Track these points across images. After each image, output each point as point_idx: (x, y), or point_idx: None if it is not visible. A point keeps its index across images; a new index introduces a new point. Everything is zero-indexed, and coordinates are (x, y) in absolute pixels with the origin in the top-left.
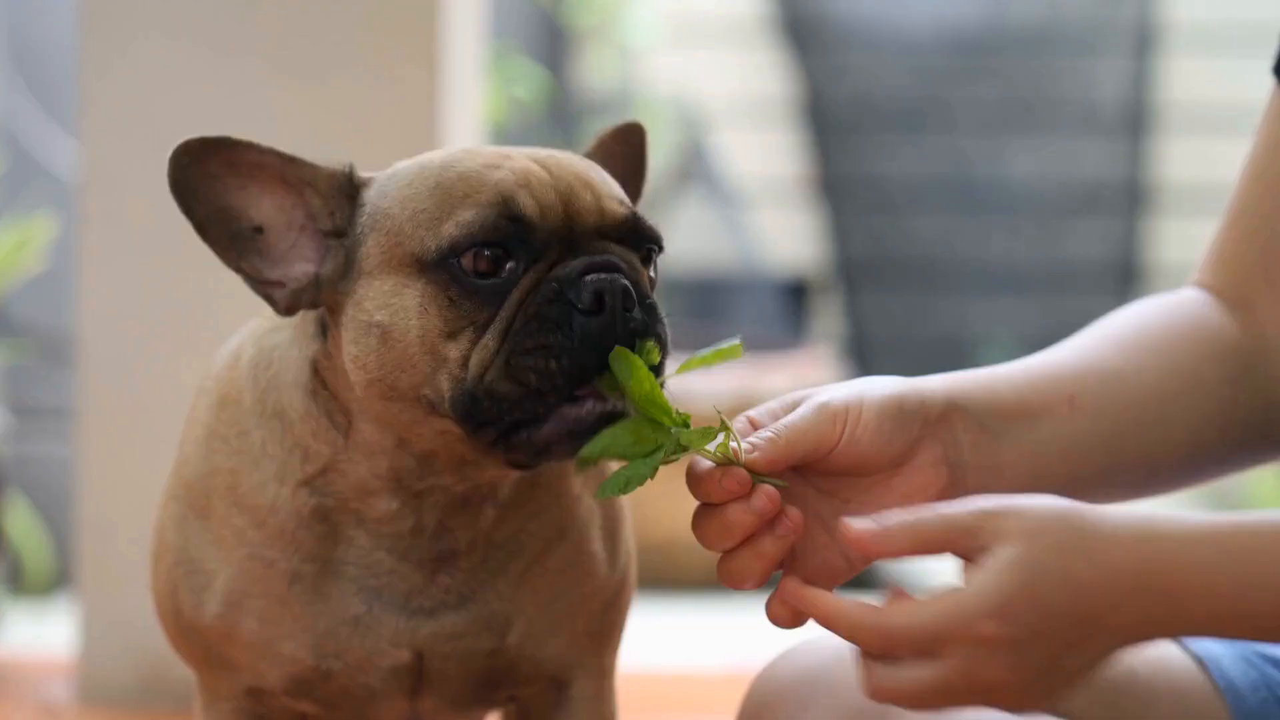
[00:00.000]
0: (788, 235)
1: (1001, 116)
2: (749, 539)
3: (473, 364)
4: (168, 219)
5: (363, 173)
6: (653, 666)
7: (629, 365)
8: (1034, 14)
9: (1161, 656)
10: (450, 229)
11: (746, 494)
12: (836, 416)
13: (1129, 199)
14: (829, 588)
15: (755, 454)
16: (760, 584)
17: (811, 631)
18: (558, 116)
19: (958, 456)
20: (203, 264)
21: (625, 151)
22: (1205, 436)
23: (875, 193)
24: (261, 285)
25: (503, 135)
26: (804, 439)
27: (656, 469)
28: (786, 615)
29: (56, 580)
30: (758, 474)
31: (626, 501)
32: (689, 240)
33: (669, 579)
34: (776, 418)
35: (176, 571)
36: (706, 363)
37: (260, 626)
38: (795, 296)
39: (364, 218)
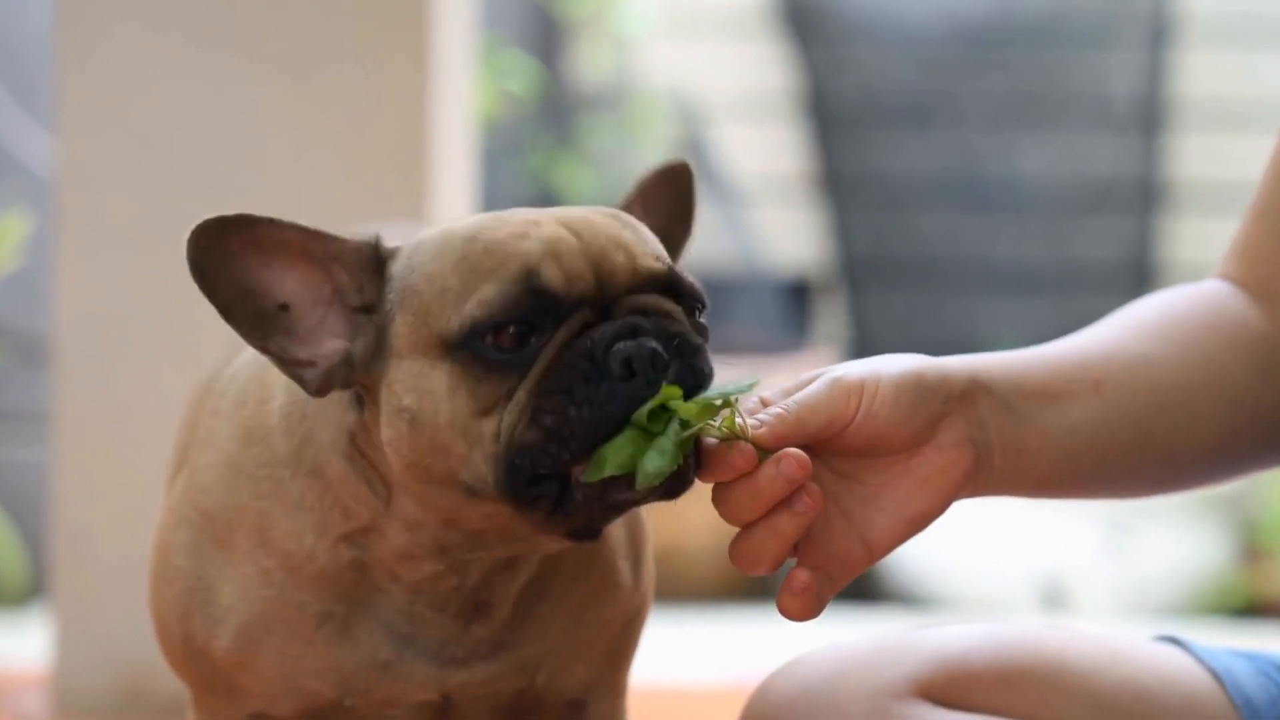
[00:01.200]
0: (789, 234)
1: (1010, 111)
2: (765, 517)
3: (504, 428)
4: (148, 216)
5: (389, 243)
6: (651, 680)
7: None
8: (1044, 5)
9: (1175, 671)
10: (472, 307)
11: (753, 470)
12: (851, 391)
13: (1143, 197)
14: (845, 577)
15: (763, 430)
16: (775, 567)
17: (814, 643)
18: (551, 111)
19: (983, 437)
20: (184, 264)
21: (670, 194)
22: (1231, 429)
23: (880, 190)
24: (290, 366)
25: (494, 130)
26: (815, 415)
27: (680, 452)
28: (797, 607)
29: (31, 589)
30: (765, 451)
31: (648, 518)
32: None
33: (667, 590)
34: (790, 396)
35: (190, 599)
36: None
37: (280, 661)
38: (797, 297)
39: (392, 294)
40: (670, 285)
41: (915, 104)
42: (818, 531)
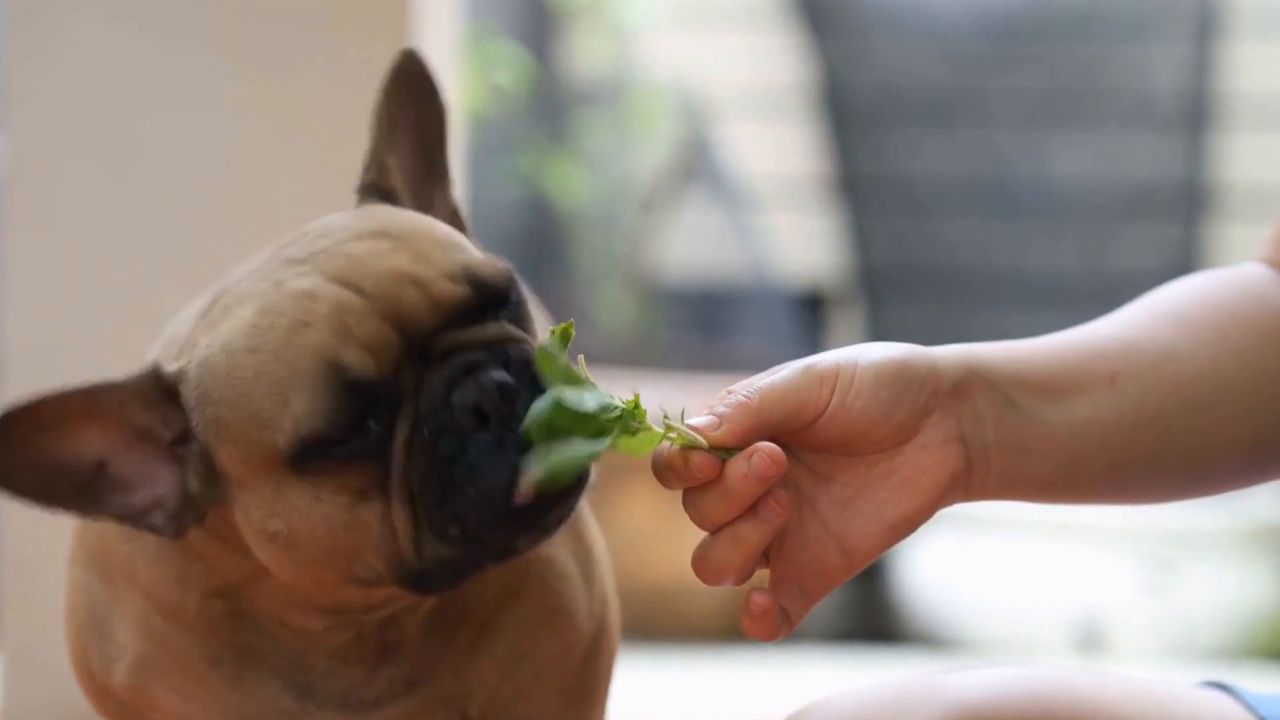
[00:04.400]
0: (802, 241)
1: (1043, 109)
2: (727, 525)
3: (402, 540)
4: (106, 220)
5: (167, 367)
6: None
7: (545, 364)
8: None
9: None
10: (292, 428)
11: (717, 476)
12: (824, 379)
13: (1188, 202)
14: (821, 590)
15: (722, 429)
16: (741, 579)
17: (830, 688)
18: (543, 106)
19: (978, 434)
20: (145, 272)
21: (409, 91)
22: (1266, 431)
23: (901, 194)
24: (139, 519)
25: (482, 127)
26: (782, 404)
27: (586, 466)
28: (759, 630)
29: None
30: (728, 450)
31: (598, 533)
32: (691, 246)
33: (667, 629)
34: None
35: (87, 636)
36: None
37: (180, 701)
38: (811, 309)
39: (199, 426)
40: (474, 300)
41: (940, 101)
42: (792, 538)
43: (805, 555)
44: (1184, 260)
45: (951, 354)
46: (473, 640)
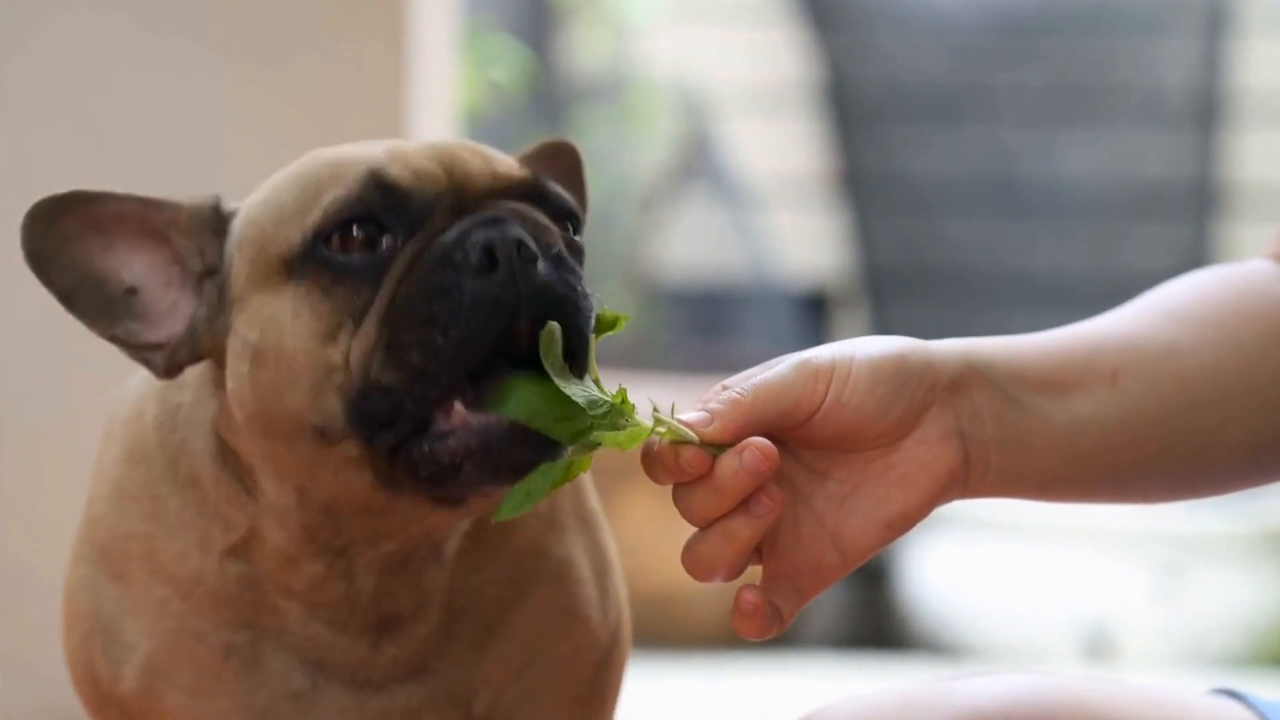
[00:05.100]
0: (805, 240)
1: (1051, 106)
2: (719, 520)
3: (354, 359)
4: None
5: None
6: None
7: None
8: None
9: None
10: (315, 215)
11: (708, 472)
12: (819, 374)
13: (1198, 200)
14: (816, 587)
15: (714, 425)
16: (733, 575)
17: (832, 695)
18: (542, 103)
19: (977, 430)
20: None
21: (557, 174)
22: (1270, 431)
23: (906, 192)
24: (139, 350)
25: (479, 123)
26: (775, 401)
27: (560, 480)
28: (749, 628)
29: None
30: (720, 446)
31: (611, 540)
32: (692, 245)
33: (665, 635)
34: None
35: (92, 641)
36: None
37: (190, 701)
38: (814, 310)
39: (231, 243)
40: (534, 188)
41: (945, 97)
42: (786, 535)
43: (800, 552)
44: (1194, 259)
45: (949, 348)
46: (479, 637)
